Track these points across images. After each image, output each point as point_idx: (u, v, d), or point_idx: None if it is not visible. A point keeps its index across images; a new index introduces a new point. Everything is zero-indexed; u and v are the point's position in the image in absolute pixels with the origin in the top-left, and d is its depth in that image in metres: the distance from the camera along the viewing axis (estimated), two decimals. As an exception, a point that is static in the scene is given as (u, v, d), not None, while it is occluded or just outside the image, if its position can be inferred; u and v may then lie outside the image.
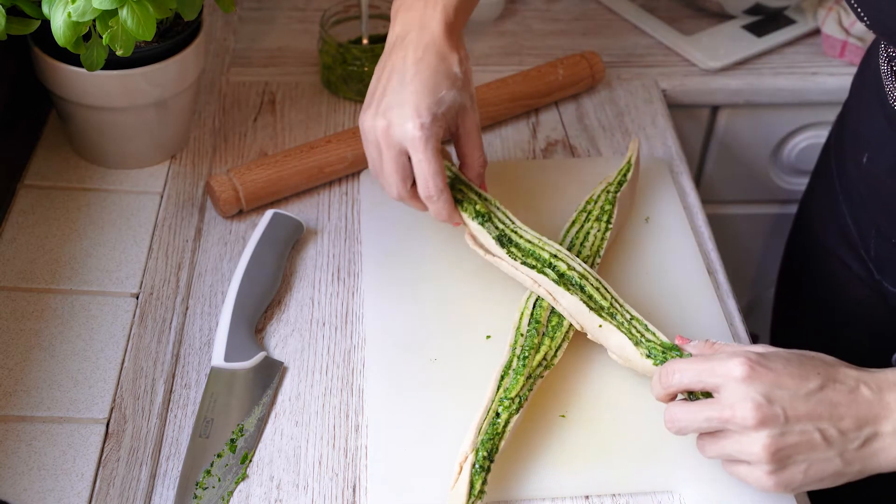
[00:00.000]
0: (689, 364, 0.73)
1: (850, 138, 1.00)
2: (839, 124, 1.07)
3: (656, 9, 1.30)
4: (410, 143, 0.83)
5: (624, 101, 1.17)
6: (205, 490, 0.78)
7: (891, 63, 0.90)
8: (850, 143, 1.01)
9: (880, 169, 0.93)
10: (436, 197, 0.85)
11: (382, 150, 0.85)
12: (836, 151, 1.05)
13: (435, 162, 0.83)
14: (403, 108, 0.83)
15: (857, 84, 1.02)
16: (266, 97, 1.14)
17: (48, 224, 0.97)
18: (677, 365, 0.73)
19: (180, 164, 1.05)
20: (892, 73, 0.90)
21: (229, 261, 0.95)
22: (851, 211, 1.01)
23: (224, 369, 0.85)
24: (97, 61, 0.88)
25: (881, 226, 0.96)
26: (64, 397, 0.82)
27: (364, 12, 1.14)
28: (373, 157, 0.87)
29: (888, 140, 0.91)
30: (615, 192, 0.95)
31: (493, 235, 0.88)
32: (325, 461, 0.80)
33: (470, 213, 0.89)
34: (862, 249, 1.00)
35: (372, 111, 0.85)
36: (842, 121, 1.06)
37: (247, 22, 1.26)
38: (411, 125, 0.82)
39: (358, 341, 0.89)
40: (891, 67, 0.90)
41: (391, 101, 0.84)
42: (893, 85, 0.90)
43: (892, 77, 0.90)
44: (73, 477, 0.77)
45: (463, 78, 0.86)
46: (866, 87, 0.98)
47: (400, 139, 0.83)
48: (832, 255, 1.06)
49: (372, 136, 0.85)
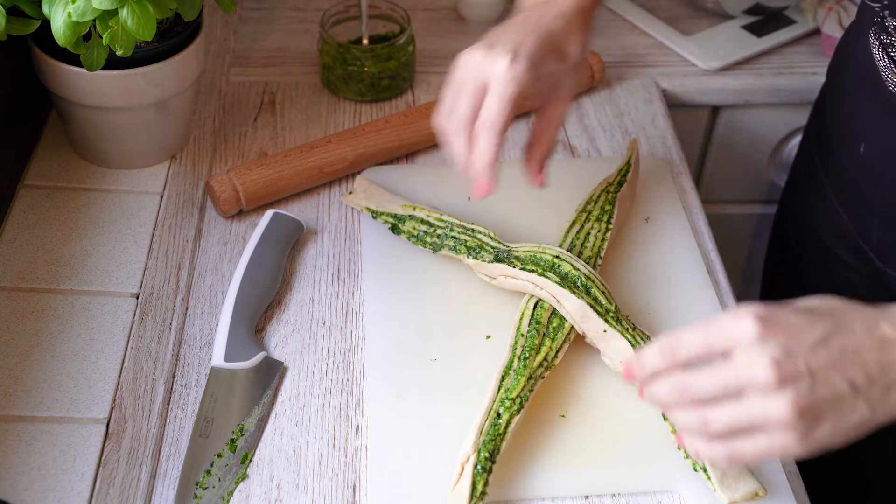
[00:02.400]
0: (694, 333, 0.65)
1: (838, 130, 1.00)
2: (817, 118, 1.06)
3: (656, 9, 1.30)
4: (495, 77, 0.80)
5: (624, 101, 1.17)
6: (205, 490, 0.78)
7: (887, 50, 0.90)
8: (838, 135, 1.00)
9: (880, 156, 0.93)
10: (488, 129, 0.80)
11: (466, 82, 0.81)
12: (819, 145, 1.05)
13: (508, 105, 0.80)
14: (505, 46, 0.80)
15: (838, 75, 1.02)
16: (266, 97, 1.14)
17: (48, 224, 0.97)
18: (683, 335, 0.65)
19: (180, 164, 1.05)
20: (891, 59, 0.90)
21: (229, 261, 0.95)
22: (844, 203, 1.00)
23: (224, 369, 0.85)
24: (97, 61, 0.88)
25: (885, 213, 0.95)
26: (64, 397, 0.82)
27: (364, 12, 1.14)
28: (450, 94, 0.82)
29: (887, 127, 0.91)
30: (615, 192, 0.96)
31: (488, 260, 0.89)
32: (325, 461, 0.80)
33: (463, 253, 0.91)
34: (861, 240, 1.00)
35: (476, 45, 0.82)
36: (819, 114, 1.05)
37: (247, 22, 1.26)
38: (503, 61, 0.79)
39: (358, 341, 0.89)
40: (887, 54, 0.90)
41: (499, 37, 0.82)
42: (892, 72, 0.89)
43: (890, 64, 0.90)
44: (73, 477, 0.77)
45: (575, 61, 0.85)
46: (852, 77, 0.97)
47: (488, 71, 0.80)
48: (822, 248, 1.05)
49: (461, 66, 0.82)
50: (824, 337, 0.63)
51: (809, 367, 0.62)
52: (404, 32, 1.13)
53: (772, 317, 0.63)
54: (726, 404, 0.64)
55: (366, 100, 1.14)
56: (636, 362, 0.68)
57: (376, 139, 1.04)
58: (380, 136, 1.05)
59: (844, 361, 0.63)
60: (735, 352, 0.63)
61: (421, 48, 1.21)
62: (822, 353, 0.63)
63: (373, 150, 1.04)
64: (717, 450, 0.65)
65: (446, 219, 0.93)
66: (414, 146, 1.07)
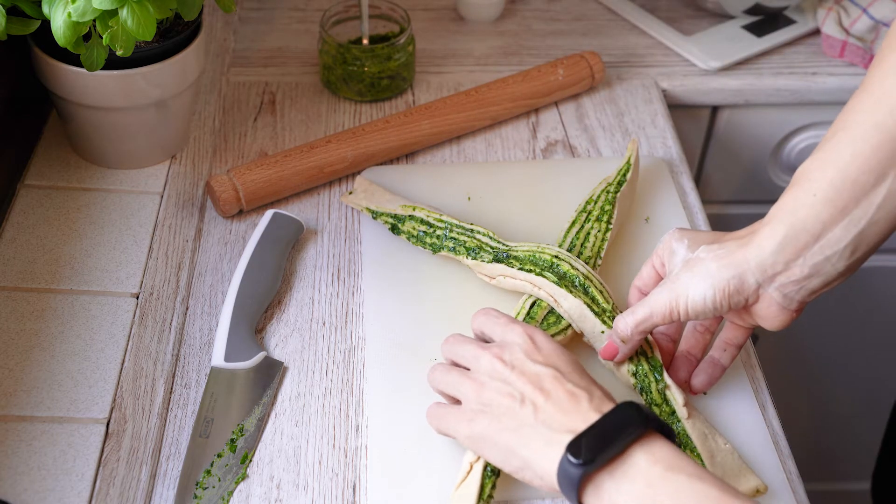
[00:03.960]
0: (489, 316, 0.78)
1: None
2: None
3: (656, 9, 1.30)
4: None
5: (624, 101, 1.17)
6: (205, 490, 0.78)
7: None
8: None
9: None
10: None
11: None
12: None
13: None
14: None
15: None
16: (266, 97, 1.14)
17: (48, 224, 0.97)
18: (483, 312, 0.79)
19: (180, 164, 1.05)
20: None
21: (229, 261, 0.95)
22: None
23: (224, 369, 0.85)
24: (97, 61, 0.88)
25: None
26: (64, 397, 0.82)
27: (364, 12, 1.14)
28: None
29: None
30: (615, 193, 0.96)
31: (487, 261, 0.89)
32: (325, 461, 0.80)
33: (462, 254, 0.91)
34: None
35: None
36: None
37: (247, 22, 1.26)
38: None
39: (358, 341, 0.89)
40: None
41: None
42: None
43: None
44: (73, 477, 0.77)
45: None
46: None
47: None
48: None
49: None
50: (544, 367, 0.72)
51: (513, 370, 0.72)
52: (404, 32, 1.13)
53: (534, 335, 0.75)
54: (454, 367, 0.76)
55: (366, 100, 1.14)
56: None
57: (376, 139, 1.04)
58: (380, 136, 1.05)
59: (534, 386, 0.71)
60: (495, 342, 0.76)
61: (421, 48, 1.22)
62: (528, 369, 0.72)
63: (373, 150, 1.04)
64: (431, 407, 0.77)
65: (446, 219, 0.93)
66: (414, 146, 1.07)
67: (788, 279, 0.76)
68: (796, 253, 0.76)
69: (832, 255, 0.75)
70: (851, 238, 0.75)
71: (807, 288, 0.77)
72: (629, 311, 0.80)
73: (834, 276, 0.77)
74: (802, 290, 0.77)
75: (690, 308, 0.78)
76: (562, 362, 0.73)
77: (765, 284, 0.77)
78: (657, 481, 0.64)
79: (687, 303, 0.78)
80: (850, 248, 0.75)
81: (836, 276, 0.77)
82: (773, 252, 0.76)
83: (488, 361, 0.74)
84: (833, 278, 0.77)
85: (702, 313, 0.78)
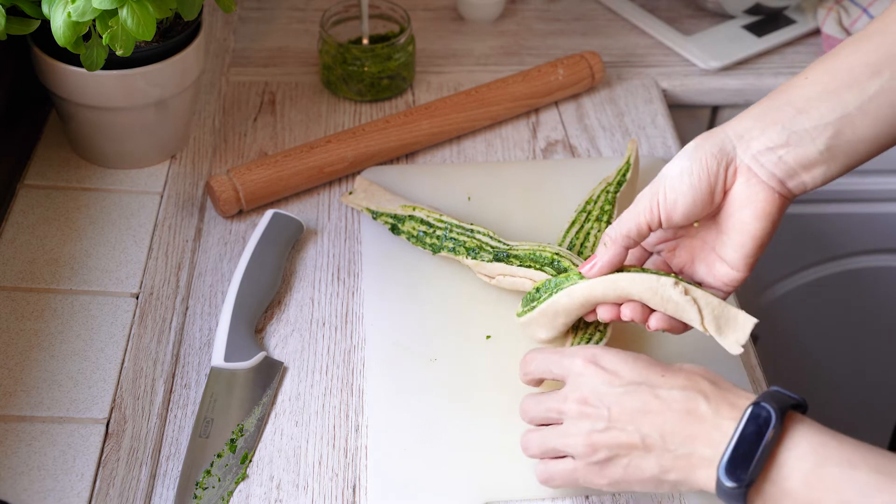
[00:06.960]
0: (541, 354, 0.77)
1: None
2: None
3: (656, 9, 1.30)
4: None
5: (624, 101, 1.17)
6: (205, 490, 0.78)
7: None
8: None
9: None
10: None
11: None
12: None
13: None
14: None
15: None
16: (266, 97, 1.14)
17: (48, 224, 0.97)
18: (532, 354, 0.78)
19: (180, 164, 1.05)
20: None
21: (229, 261, 0.95)
22: None
23: (224, 369, 0.85)
24: (97, 61, 0.88)
25: None
26: (64, 397, 0.82)
27: (364, 12, 1.14)
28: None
29: None
30: (615, 192, 0.96)
31: (487, 260, 0.89)
32: (325, 461, 0.80)
33: (462, 254, 0.91)
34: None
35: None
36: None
37: (247, 22, 1.26)
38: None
39: (358, 341, 0.89)
40: None
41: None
42: None
43: None
44: (73, 477, 0.77)
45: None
46: None
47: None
48: None
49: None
50: (634, 388, 0.70)
51: (610, 410, 0.70)
52: (404, 32, 1.13)
53: (596, 359, 0.72)
54: (545, 428, 0.74)
55: (366, 100, 1.14)
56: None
57: (376, 139, 1.04)
58: (380, 136, 1.05)
59: (643, 417, 0.69)
60: (567, 381, 0.73)
61: (421, 48, 1.22)
62: (625, 402, 0.70)
63: (373, 150, 1.04)
64: (539, 468, 0.75)
65: (446, 219, 0.93)
66: (414, 146, 1.07)
67: (764, 145, 0.74)
68: (776, 121, 0.74)
69: (812, 128, 0.73)
70: (836, 117, 0.73)
71: (784, 160, 0.74)
72: (616, 221, 0.79)
73: (813, 157, 0.74)
74: (780, 163, 0.74)
75: (669, 189, 0.76)
76: (637, 370, 0.71)
77: (741, 152, 0.75)
78: (813, 480, 0.64)
79: (665, 187, 0.76)
80: (834, 128, 0.73)
81: (815, 158, 0.74)
82: (752, 118, 0.75)
83: (576, 409, 0.71)
84: (812, 159, 0.74)
85: (681, 194, 0.75)
